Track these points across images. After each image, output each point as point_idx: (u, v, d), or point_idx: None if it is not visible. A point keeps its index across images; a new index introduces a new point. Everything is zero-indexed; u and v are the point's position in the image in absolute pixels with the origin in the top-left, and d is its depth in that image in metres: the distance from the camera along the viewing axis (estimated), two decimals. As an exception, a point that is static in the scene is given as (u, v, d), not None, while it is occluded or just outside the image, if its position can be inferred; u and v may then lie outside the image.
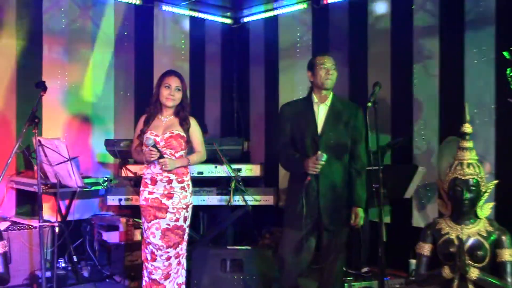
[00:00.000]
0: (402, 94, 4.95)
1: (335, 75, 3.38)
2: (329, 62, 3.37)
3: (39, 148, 3.14)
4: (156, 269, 3.56)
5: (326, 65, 3.35)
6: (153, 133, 3.51)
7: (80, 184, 3.66)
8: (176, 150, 3.53)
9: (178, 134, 3.54)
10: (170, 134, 3.52)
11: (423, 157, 4.76)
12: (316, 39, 5.72)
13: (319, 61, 3.38)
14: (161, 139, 3.50)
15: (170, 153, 3.52)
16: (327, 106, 3.39)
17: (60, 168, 3.50)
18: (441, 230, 2.57)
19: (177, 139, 3.53)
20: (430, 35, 4.74)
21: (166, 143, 3.50)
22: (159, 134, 3.52)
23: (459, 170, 2.51)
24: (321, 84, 3.36)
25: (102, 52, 5.49)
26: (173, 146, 3.52)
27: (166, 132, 3.53)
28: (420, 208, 4.84)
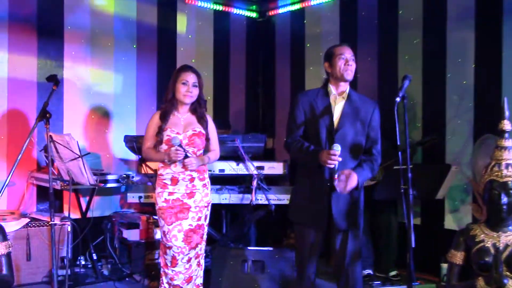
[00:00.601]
0: (435, 88, 4.72)
1: (354, 66, 3.19)
2: (348, 52, 3.18)
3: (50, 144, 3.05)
4: (178, 274, 3.44)
5: (346, 55, 3.16)
6: (174, 131, 3.38)
7: (92, 181, 3.57)
8: (198, 148, 3.44)
9: (200, 131, 3.43)
10: (193, 132, 3.40)
11: (457, 156, 4.51)
12: (343, 31, 5.52)
13: (338, 51, 3.18)
14: (184, 137, 3.38)
15: (193, 151, 3.40)
16: (344, 99, 3.21)
17: (72, 165, 3.41)
18: (475, 237, 2.35)
19: (200, 137, 3.43)
20: (465, 25, 4.49)
21: (189, 141, 3.38)
22: (180, 132, 3.39)
23: (496, 172, 2.28)
24: (340, 75, 3.16)
25: (124, 47, 5.41)
26: (196, 144, 3.41)
27: (187, 130, 3.41)
28: (453, 209, 4.61)
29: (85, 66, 5.16)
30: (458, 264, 2.38)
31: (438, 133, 4.55)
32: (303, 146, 3.17)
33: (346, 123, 3.15)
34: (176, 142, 3.28)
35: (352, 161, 3.16)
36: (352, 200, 3.19)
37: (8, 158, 4.65)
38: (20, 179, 4.69)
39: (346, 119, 3.16)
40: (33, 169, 4.74)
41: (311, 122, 3.21)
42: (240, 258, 4.15)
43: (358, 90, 5.24)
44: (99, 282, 4.49)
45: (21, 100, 4.79)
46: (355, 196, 3.19)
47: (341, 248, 3.21)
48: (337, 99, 3.21)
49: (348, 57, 3.16)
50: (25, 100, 4.80)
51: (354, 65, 3.19)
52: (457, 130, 4.56)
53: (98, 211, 5.08)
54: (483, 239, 2.31)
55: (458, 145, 4.54)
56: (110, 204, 5.24)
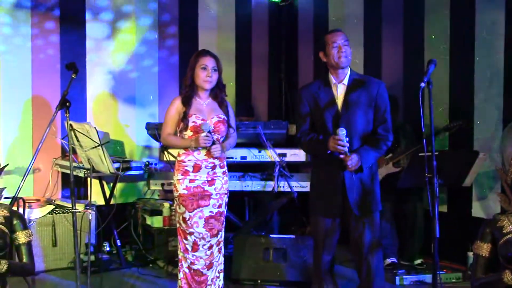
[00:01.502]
0: (463, 72, 4.58)
1: (349, 51, 3.17)
2: (340, 38, 3.16)
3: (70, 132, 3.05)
4: (198, 259, 3.42)
5: (338, 42, 3.14)
6: (199, 117, 3.35)
7: (112, 170, 3.57)
8: (222, 135, 3.42)
9: (224, 118, 3.41)
10: (218, 119, 3.38)
11: (485, 142, 4.38)
12: (367, 14, 5.38)
13: (330, 39, 3.17)
14: (210, 124, 3.34)
15: (217, 138, 3.37)
16: (345, 85, 3.21)
17: (92, 153, 3.42)
18: (503, 228, 2.26)
19: (224, 124, 3.40)
20: (494, 7, 4.31)
21: (215, 128, 3.36)
22: (205, 118, 3.36)
23: (526, 161, 2.19)
24: (335, 63, 3.17)
25: (146, 34, 5.40)
26: (221, 131, 3.39)
27: (212, 116, 3.38)
28: (481, 197, 4.48)
29: (107, 52, 5.17)
30: (485, 256, 2.30)
31: (465, 118, 4.42)
32: (313, 138, 3.22)
33: (350, 110, 3.16)
34: (206, 128, 3.26)
35: (360, 143, 3.19)
36: (365, 187, 3.18)
37: (34, 145, 4.72)
38: (45, 166, 4.76)
39: (350, 106, 3.16)
40: (57, 156, 4.80)
41: (316, 115, 3.24)
42: (262, 245, 4.13)
43: (382, 74, 5.22)
44: (123, 268, 4.54)
45: (45, 87, 4.84)
46: (368, 182, 3.19)
47: (358, 237, 3.22)
48: (339, 86, 3.21)
49: (340, 44, 3.14)
50: (49, 86, 4.85)
51: (349, 49, 3.18)
52: (486, 116, 4.42)
53: (122, 198, 5.14)
54: (511, 231, 2.22)
55: (487, 131, 4.40)
56: (134, 191, 5.28)
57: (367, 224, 3.20)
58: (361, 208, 3.17)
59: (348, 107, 3.16)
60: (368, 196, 3.19)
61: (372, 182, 3.23)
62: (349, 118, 3.15)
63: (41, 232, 4.38)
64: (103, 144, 3.32)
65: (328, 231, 3.26)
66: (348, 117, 3.15)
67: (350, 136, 3.10)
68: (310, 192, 3.42)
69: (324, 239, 3.29)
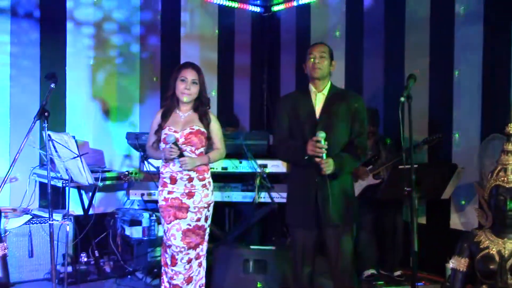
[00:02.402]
0: (442, 87, 4.63)
1: (325, 63, 3.23)
2: (316, 51, 3.24)
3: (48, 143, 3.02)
4: (177, 274, 3.40)
5: (313, 54, 3.23)
6: (172, 129, 3.33)
7: (90, 181, 3.54)
8: (196, 147, 3.35)
9: (198, 130, 3.35)
10: (190, 130, 3.34)
11: (463, 155, 4.43)
12: (349, 28, 5.44)
13: (309, 52, 3.28)
14: (181, 135, 3.32)
15: (191, 150, 3.34)
16: (324, 95, 3.27)
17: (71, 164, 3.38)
18: (480, 243, 2.28)
19: (197, 135, 3.34)
20: (473, 23, 4.39)
21: (186, 140, 3.32)
22: (178, 130, 3.34)
23: (502, 177, 2.22)
24: (310, 74, 3.26)
25: (128, 43, 5.37)
26: (193, 142, 3.34)
27: (185, 128, 3.35)
28: (459, 209, 4.54)
29: (88, 62, 5.12)
30: (462, 271, 2.32)
31: (444, 132, 4.48)
32: (290, 145, 3.25)
33: (329, 120, 3.19)
34: (170, 140, 3.24)
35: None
36: (342, 198, 3.20)
37: (11, 154, 4.65)
38: (23, 175, 4.68)
39: (329, 116, 3.20)
40: (35, 165, 4.73)
41: (295, 123, 3.27)
42: (242, 257, 4.11)
43: (363, 86, 5.27)
44: (101, 279, 4.48)
45: (24, 96, 4.78)
46: (345, 194, 3.21)
47: (335, 247, 3.23)
48: (318, 96, 3.26)
49: (316, 55, 3.22)
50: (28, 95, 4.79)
51: (325, 61, 3.24)
52: (464, 129, 4.49)
53: (101, 208, 5.07)
54: (488, 246, 2.25)
55: (465, 145, 4.47)
56: (113, 201, 5.22)
57: (344, 234, 3.22)
58: (338, 219, 3.18)
59: (327, 117, 3.20)
60: (345, 207, 3.21)
61: (349, 194, 3.26)
62: (328, 128, 3.16)
63: (17, 243, 4.29)
64: (82, 155, 3.28)
65: (307, 242, 3.27)
66: (326, 127, 3.16)
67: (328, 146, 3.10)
68: (287, 203, 3.43)
69: (303, 250, 3.29)
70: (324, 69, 3.22)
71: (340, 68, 5.38)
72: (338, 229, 3.20)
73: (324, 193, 3.13)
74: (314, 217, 3.19)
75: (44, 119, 2.92)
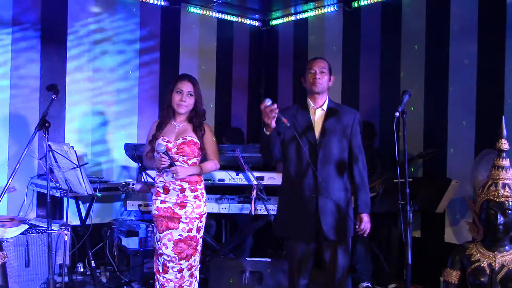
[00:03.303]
0: (437, 102, 4.71)
1: (325, 78, 3.27)
2: (316, 65, 3.28)
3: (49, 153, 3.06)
4: (168, 281, 3.43)
5: (314, 69, 3.27)
6: (165, 139, 3.39)
7: (89, 191, 3.57)
8: (189, 157, 3.40)
9: (191, 140, 3.40)
10: (183, 140, 3.39)
11: (458, 170, 4.49)
12: (346, 42, 5.53)
13: (308, 66, 3.32)
14: (174, 145, 3.37)
15: (183, 160, 3.38)
16: (324, 110, 3.31)
17: (70, 175, 3.42)
18: (471, 256, 2.33)
19: (190, 146, 3.39)
20: (468, 40, 4.48)
21: (178, 150, 3.37)
22: (172, 140, 3.39)
23: (493, 191, 2.27)
24: (310, 88, 3.29)
25: (128, 55, 5.44)
26: (185, 152, 3.38)
27: (178, 138, 3.40)
28: (454, 223, 4.59)
29: (87, 73, 5.18)
30: (454, 283, 2.37)
31: (439, 146, 4.54)
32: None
33: (327, 136, 3.23)
34: (160, 149, 3.29)
35: (336, 175, 3.23)
36: (340, 212, 3.23)
37: (10, 164, 4.68)
38: (21, 185, 4.71)
39: (327, 132, 3.24)
40: (33, 175, 4.76)
41: (292, 138, 3.25)
42: (238, 268, 4.13)
43: (359, 100, 5.33)
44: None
45: (23, 105, 4.83)
46: (342, 208, 3.23)
47: (331, 261, 3.26)
48: (317, 111, 3.29)
49: (317, 71, 3.25)
50: (27, 105, 4.84)
51: (326, 76, 3.28)
52: (459, 144, 4.55)
53: (98, 218, 5.09)
54: (479, 259, 2.29)
55: (460, 159, 4.52)
56: (110, 211, 5.25)
57: (340, 249, 3.25)
58: (334, 233, 3.21)
59: (325, 133, 3.24)
60: (342, 221, 3.23)
61: (346, 208, 3.27)
62: (326, 144, 3.21)
63: (14, 252, 4.29)
64: (81, 165, 3.32)
65: (303, 256, 3.29)
66: (325, 143, 3.21)
67: (327, 162, 3.18)
68: (279, 214, 3.43)
69: (299, 263, 3.31)
70: (324, 84, 3.26)
71: (337, 82, 5.46)
72: (334, 243, 3.24)
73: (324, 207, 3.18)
74: (313, 231, 3.22)
75: (45, 130, 2.96)
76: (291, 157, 3.29)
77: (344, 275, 3.27)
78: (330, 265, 3.27)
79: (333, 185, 3.21)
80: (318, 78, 3.23)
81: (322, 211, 3.19)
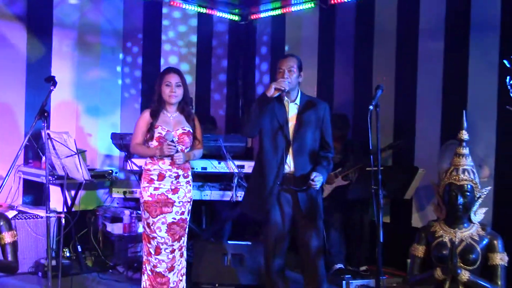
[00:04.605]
0: (406, 96, 4.99)
1: (294, 76, 3.46)
2: (284, 65, 3.47)
3: (47, 141, 3.23)
4: (161, 262, 3.63)
5: (282, 68, 3.47)
6: (165, 128, 3.58)
7: (87, 177, 3.75)
8: (186, 146, 3.65)
9: (189, 131, 3.65)
10: (183, 131, 3.62)
11: (425, 159, 4.78)
12: (322, 38, 5.76)
13: (278, 65, 3.51)
14: (174, 135, 3.58)
15: (181, 149, 3.61)
16: (297, 104, 3.54)
17: (68, 161, 3.59)
18: (435, 233, 2.64)
19: (189, 136, 3.64)
20: (435, 38, 4.77)
21: (179, 139, 3.60)
22: (171, 129, 3.59)
23: (455, 176, 2.57)
24: None
25: (111, 47, 5.57)
26: (185, 142, 3.62)
27: (177, 128, 3.62)
28: (420, 208, 4.89)
29: (72, 63, 5.30)
30: (420, 256, 2.67)
31: (407, 137, 4.83)
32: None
33: (302, 129, 3.48)
34: (170, 137, 3.50)
35: (309, 163, 3.50)
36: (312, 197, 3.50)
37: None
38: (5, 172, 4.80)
39: (302, 125, 3.48)
40: (20, 162, 4.86)
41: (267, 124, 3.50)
42: (220, 251, 4.37)
43: (334, 93, 5.60)
44: (83, 273, 4.64)
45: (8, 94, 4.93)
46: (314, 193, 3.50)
47: (307, 242, 3.52)
48: (291, 105, 3.53)
49: (285, 70, 3.45)
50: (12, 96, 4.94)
51: (294, 74, 3.47)
52: (425, 135, 4.85)
53: (82, 205, 5.22)
54: (441, 235, 2.60)
55: (426, 149, 4.81)
56: (94, 199, 5.40)
57: (314, 231, 3.52)
58: (308, 216, 3.50)
59: (301, 126, 3.50)
60: (315, 205, 3.53)
61: (317, 193, 3.56)
62: (301, 136, 3.48)
63: (3, 237, 4.43)
64: (80, 152, 3.50)
65: (278, 237, 3.56)
66: (300, 135, 3.48)
67: (300, 153, 3.46)
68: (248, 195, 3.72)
69: (275, 245, 3.57)
70: (293, 81, 3.45)
71: (313, 76, 5.71)
72: (310, 225, 3.51)
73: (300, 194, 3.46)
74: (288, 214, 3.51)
75: (43, 119, 3.12)
76: (267, 148, 3.52)
77: (317, 256, 3.54)
78: (306, 245, 3.53)
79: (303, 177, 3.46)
80: (286, 77, 3.41)
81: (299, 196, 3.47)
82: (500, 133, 4.29)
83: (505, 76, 3.66)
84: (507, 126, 4.01)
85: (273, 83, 3.35)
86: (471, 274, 2.48)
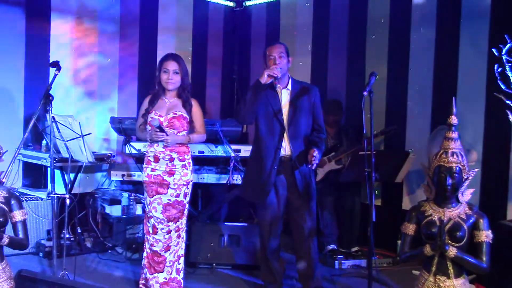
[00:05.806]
0: (398, 83, 5.10)
1: (284, 62, 3.57)
2: (274, 51, 3.58)
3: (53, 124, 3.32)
4: (157, 241, 3.77)
5: (272, 54, 3.57)
6: (157, 113, 3.69)
7: (91, 159, 3.86)
8: (178, 130, 3.72)
9: (181, 115, 3.72)
10: (173, 115, 3.71)
11: (415, 144, 4.93)
12: (316, 25, 5.85)
13: (267, 52, 3.62)
14: (165, 119, 3.68)
15: (173, 133, 3.71)
16: (289, 90, 3.66)
17: (72, 144, 3.69)
18: (425, 212, 2.79)
19: (179, 120, 3.72)
20: (427, 27, 4.88)
21: (169, 123, 3.69)
22: (163, 114, 3.70)
23: (444, 158, 2.71)
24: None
25: (108, 33, 5.63)
26: (175, 126, 3.70)
27: (169, 113, 3.71)
28: (410, 192, 5.05)
29: (70, 48, 5.36)
30: (410, 234, 2.82)
31: (399, 122, 4.97)
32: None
33: (296, 114, 3.61)
34: (155, 124, 3.60)
35: (304, 146, 3.65)
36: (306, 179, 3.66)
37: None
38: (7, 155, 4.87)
39: (296, 110, 3.62)
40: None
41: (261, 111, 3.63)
42: (217, 233, 4.51)
43: (328, 79, 5.70)
44: (83, 253, 4.77)
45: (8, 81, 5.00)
46: (307, 175, 3.66)
47: (300, 222, 3.69)
48: (283, 91, 3.66)
49: (275, 56, 3.55)
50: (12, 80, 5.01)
51: (284, 60, 3.58)
52: (416, 121, 4.98)
53: (81, 188, 5.32)
54: (431, 214, 2.75)
55: (416, 135, 4.96)
56: (92, 181, 5.49)
57: (307, 212, 3.69)
58: (303, 197, 3.66)
59: (295, 112, 3.63)
60: (308, 186, 3.69)
61: (310, 175, 3.72)
62: (295, 122, 3.62)
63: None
64: (85, 135, 3.60)
65: (273, 219, 3.72)
66: (294, 121, 3.62)
67: (295, 138, 3.60)
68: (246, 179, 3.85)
69: (271, 225, 3.74)
70: (283, 67, 3.57)
71: (307, 62, 5.82)
72: (304, 205, 3.66)
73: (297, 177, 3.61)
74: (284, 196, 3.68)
75: (48, 103, 3.22)
76: (263, 133, 3.66)
77: (310, 237, 3.71)
78: (298, 228, 3.70)
79: (300, 158, 3.62)
80: (278, 63, 3.52)
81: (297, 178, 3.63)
82: (488, 119, 4.43)
83: (494, 64, 3.81)
84: (495, 113, 4.15)
85: (266, 70, 3.46)
86: (458, 250, 2.63)
